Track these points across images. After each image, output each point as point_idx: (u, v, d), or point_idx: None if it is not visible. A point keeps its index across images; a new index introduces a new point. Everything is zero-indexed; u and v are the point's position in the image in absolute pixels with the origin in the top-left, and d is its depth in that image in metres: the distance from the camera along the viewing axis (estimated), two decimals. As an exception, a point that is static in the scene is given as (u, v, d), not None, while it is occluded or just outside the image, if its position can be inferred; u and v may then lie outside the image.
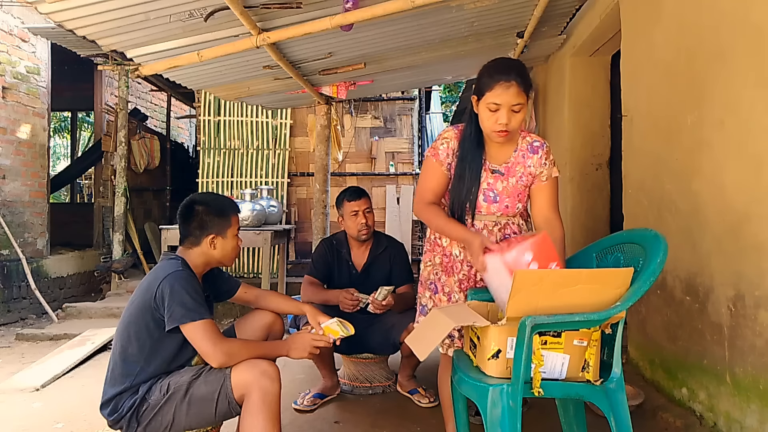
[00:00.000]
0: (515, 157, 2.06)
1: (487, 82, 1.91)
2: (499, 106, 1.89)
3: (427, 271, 2.22)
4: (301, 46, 3.31)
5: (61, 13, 2.38)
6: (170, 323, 1.93)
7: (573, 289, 1.68)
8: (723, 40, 2.22)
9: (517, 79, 1.87)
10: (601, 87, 4.41)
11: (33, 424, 2.88)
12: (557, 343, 1.72)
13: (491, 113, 1.91)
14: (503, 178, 2.05)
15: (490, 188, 2.05)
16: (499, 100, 1.88)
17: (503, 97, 1.87)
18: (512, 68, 1.90)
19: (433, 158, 2.10)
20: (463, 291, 2.12)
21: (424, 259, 2.26)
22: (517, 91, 1.87)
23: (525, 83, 1.90)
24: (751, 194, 2.05)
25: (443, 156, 2.08)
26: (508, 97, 1.87)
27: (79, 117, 11.62)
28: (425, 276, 2.23)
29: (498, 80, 1.88)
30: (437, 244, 2.19)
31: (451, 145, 2.08)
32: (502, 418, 1.66)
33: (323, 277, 3.17)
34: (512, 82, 1.87)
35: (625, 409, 1.73)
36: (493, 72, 1.91)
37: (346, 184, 6.88)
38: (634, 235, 1.95)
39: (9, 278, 5.77)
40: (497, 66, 1.94)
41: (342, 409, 2.95)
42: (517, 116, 1.91)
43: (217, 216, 2.11)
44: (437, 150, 2.09)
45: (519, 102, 1.88)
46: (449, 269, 2.14)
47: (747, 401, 2.08)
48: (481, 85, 1.94)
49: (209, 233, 2.09)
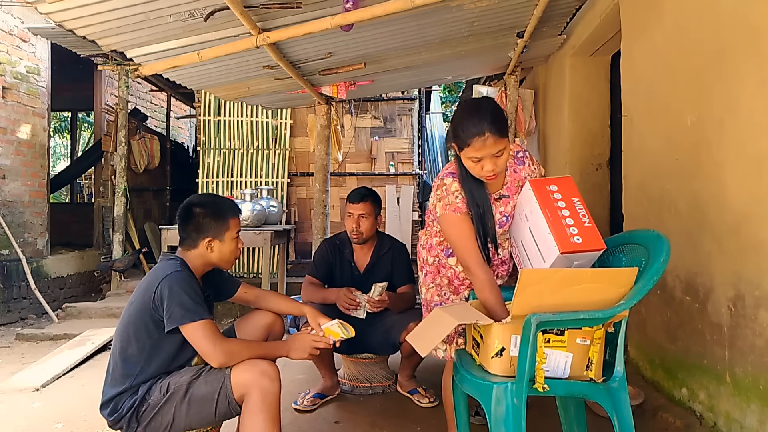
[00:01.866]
0: (509, 176, 2.10)
1: (463, 137, 1.91)
2: (480, 158, 1.90)
3: (431, 293, 2.23)
4: (301, 46, 3.31)
5: (61, 13, 2.37)
6: (169, 324, 1.93)
7: (577, 288, 1.69)
8: (723, 40, 2.22)
9: (490, 129, 1.86)
10: (601, 87, 4.41)
11: (33, 424, 2.88)
12: (560, 341, 1.72)
13: (474, 164, 1.93)
14: (509, 200, 2.09)
15: (502, 215, 2.08)
16: (479, 154, 1.89)
17: (482, 151, 1.88)
18: (483, 119, 1.87)
19: (457, 212, 2.01)
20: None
21: (425, 282, 2.25)
22: (493, 141, 1.87)
23: (500, 129, 1.89)
24: (751, 194, 2.05)
25: (463, 206, 2.02)
26: (486, 149, 1.88)
27: (79, 117, 11.62)
28: (428, 298, 2.24)
29: (473, 135, 1.87)
30: (442, 266, 2.20)
31: (461, 192, 2.03)
32: (506, 416, 1.67)
33: (324, 277, 3.17)
34: (486, 135, 1.86)
35: (627, 408, 1.74)
36: (466, 126, 1.90)
37: (346, 184, 6.88)
38: (636, 236, 1.96)
39: (9, 278, 5.77)
40: (468, 118, 1.91)
41: (342, 409, 2.95)
42: (501, 159, 1.92)
43: (214, 219, 2.10)
44: (456, 205, 2.02)
45: (499, 149, 1.89)
46: (460, 288, 2.18)
47: (747, 401, 2.08)
48: (458, 140, 1.94)
49: (206, 236, 2.08)
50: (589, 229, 1.81)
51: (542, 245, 1.86)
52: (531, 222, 1.93)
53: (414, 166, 7.01)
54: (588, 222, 1.83)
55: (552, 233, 1.80)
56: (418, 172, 7.00)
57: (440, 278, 2.21)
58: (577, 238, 1.79)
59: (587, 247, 1.78)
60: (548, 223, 1.82)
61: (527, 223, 1.95)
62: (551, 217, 1.84)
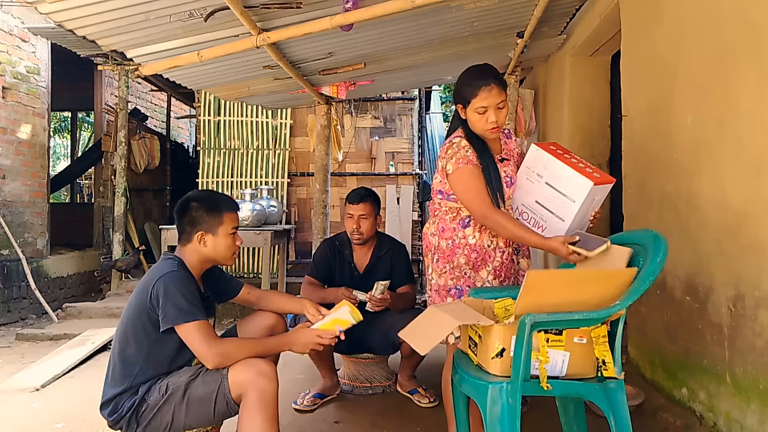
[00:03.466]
0: (504, 145, 2.32)
1: (469, 90, 2.14)
2: (486, 108, 2.11)
3: (444, 277, 2.20)
4: (301, 46, 3.31)
5: (61, 13, 2.37)
6: (164, 324, 1.92)
7: (578, 289, 1.71)
8: (723, 40, 2.22)
9: (494, 81, 2.11)
10: (601, 87, 4.41)
11: (33, 424, 2.88)
12: (558, 340, 1.73)
13: (480, 116, 2.13)
14: (509, 163, 2.27)
15: (507, 175, 2.22)
16: (485, 103, 2.11)
17: (488, 99, 2.11)
18: (488, 72, 2.14)
19: (470, 165, 2.13)
20: (498, 278, 2.18)
21: (436, 268, 2.22)
22: (498, 91, 2.11)
23: (501, 82, 2.14)
24: (751, 194, 2.05)
25: (474, 158, 2.15)
26: (492, 98, 2.10)
27: (79, 117, 11.62)
28: (441, 284, 2.21)
29: (480, 86, 2.11)
30: (457, 246, 2.17)
31: (469, 149, 2.17)
32: (501, 415, 1.67)
33: (323, 278, 3.17)
34: (492, 85, 2.10)
35: (624, 408, 1.74)
36: (472, 80, 2.14)
37: (346, 184, 6.88)
38: (634, 236, 1.96)
39: (9, 278, 5.77)
40: (474, 74, 2.16)
41: (342, 409, 2.95)
42: (503, 112, 2.14)
43: (207, 213, 2.08)
44: (468, 158, 2.14)
45: (501, 100, 2.12)
46: (479, 263, 2.17)
47: (747, 401, 2.08)
48: (465, 94, 2.16)
49: (198, 230, 2.07)
50: (595, 169, 2.07)
51: (568, 190, 2.03)
52: (548, 176, 2.10)
53: (414, 166, 7.01)
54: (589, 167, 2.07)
55: (578, 172, 2.00)
56: (418, 172, 7.00)
57: (456, 259, 2.18)
58: (595, 174, 2.01)
59: (604, 180, 2.02)
60: (571, 166, 2.02)
61: (543, 180, 2.12)
62: (570, 164, 2.04)
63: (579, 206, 2.00)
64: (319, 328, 2.16)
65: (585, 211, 2.05)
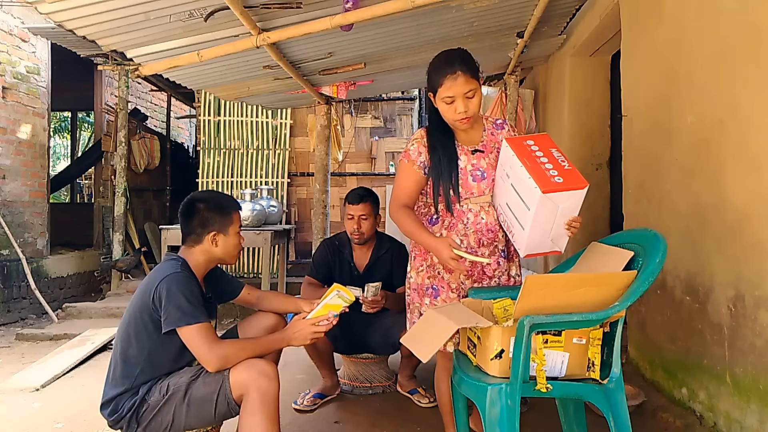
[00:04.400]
0: (486, 136, 2.15)
1: (436, 78, 1.99)
2: (453, 97, 1.96)
3: (422, 276, 2.17)
4: (301, 46, 3.31)
5: (61, 13, 2.38)
6: (166, 326, 1.92)
7: (578, 291, 1.70)
8: (723, 40, 2.22)
9: (461, 68, 1.94)
10: (601, 87, 4.41)
11: (33, 424, 2.88)
12: (557, 341, 1.73)
13: (448, 106, 1.99)
14: (484, 155, 2.12)
15: (475, 168, 2.10)
16: (451, 93, 1.96)
17: (454, 89, 1.95)
18: (455, 59, 1.97)
19: (405, 159, 2.13)
20: (471, 277, 2.10)
21: (414, 265, 2.20)
22: (464, 79, 1.94)
23: (471, 69, 1.97)
24: (751, 194, 2.05)
25: (415, 155, 2.11)
26: (458, 87, 1.95)
27: (79, 117, 11.62)
28: (419, 282, 2.18)
29: (444, 74, 1.96)
30: None
31: (422, 143, 2.12)
32: (500, 417, 1.67)
33: (323, 278, 3.16)
34: (458, 73, 1.94)
35: (624, 408, 1.73)
36: (438, 68, 1.99)
37: (346, 184, 6.88)
38: (633, 236, 1.96)
39: (9, 278, 5.77)
40: (441, 61, 2.01)
41: (342, 409, 2.95)
42: (473, 101, 1.98)
43: (218, 213, 2.10)
44: (408, 151, 2.13)
45: (470, 88, 1.96)
46: None
47: (747, 401, 2.08)
48: (432, 82, 2.02)
49: (211, 230, 2.08)
50: (569, 171, 1.83)
51: (525, 195, 1.85)
52: (512, 177, 1.93)
53: (414, 166, 7.00)
54: (568, 165, 1.86)
55: (532, 177, 1.80)
56: (418, 172, 7.00)
57: (430, 257, 2.13)
58: (557, 178, 1.80)
59: (568, 186, 1.80)
60: (527, 169, 1.83)
61: (509, 181, 1.95)
62: (530, 164, 1.85)
63: (533, 215, 1.82)
64: (313, 317, 2.14)
65: (548, 219, 1.86)
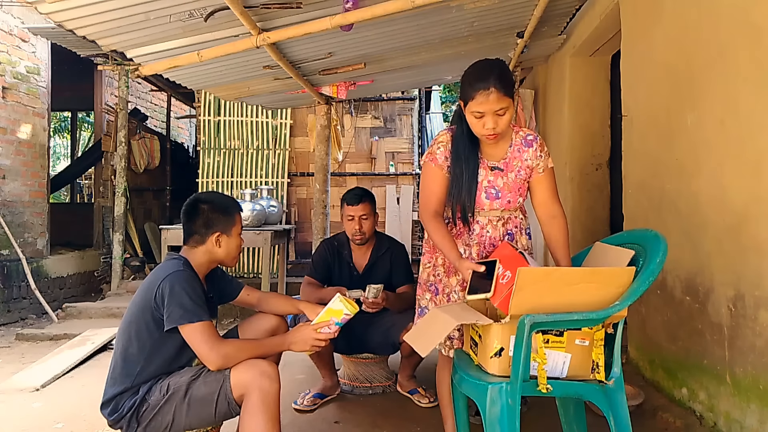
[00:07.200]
0: (511, 153, 2.08)
1: (468, 91, 1.92)
2: (483, 113, 1.90)
3: (427, 272, 2.21)
4: (301, 46, 3.30)
5: (61, 13, 2.37)
6: (168, 324, 1.93)
7: (576, 287, 1.70)
8: (723, 40, 2.22)
9: (496, 84, 1.87)
10: (601, 87, 4.41)
11: (33, 424, 2.88)
12: (559, 342, 1.73)
13: (477, 120, 1.93)
14: (503, 174, 2.07)
15: (491, 185, 2.06)
16: (482, 109, 1.90)
17: (485, 105, 1.89)
18: (491, 74, 1.89)
19: (432, 163, 2.09)
20: (464, 290, 2.10)
21: (423, 261, 2.25)
22: (497, 96, 1.87)
23: (505, 86, 1.89)
24: (751, 194, 2.05)
25: (441, 160, 2.08)
26: (489, 104, 1.88)
27: (79, 117, 11.62)
28: (425, 278, 2.22)
29: (477, 89, 1.89)
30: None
31: (447, 147, 2.08)
32: (501, 416, 1.67)
33: (323, 278, 3.16)
34: (491, 89, 1.87)
35: (624, 408, 1.74)
36: (473, 80, 1.92)
37: (346, 184, 6.88)
38: (634, 236, 1.96)
39: (9, 278, 5.77)
40: (475, 73, 1.94)
41: (342, 409, 2.95)
42: (503, 118, 1.92)
43: (222, 214, 2.11)
44: (434, 155, 2.09)
45: (502, 107, 1.89)
46: (450, 270, 2.13)
47: (747, 401, 2.08)
48: (464, 93, 1.96)
49: (215, 231, 2.09)
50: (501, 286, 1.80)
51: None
52: None
53: (414, 166, 7.01)
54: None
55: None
56: (418, 172, 7.00)
57: (436, 257, 2.18)
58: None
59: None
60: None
61: None
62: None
63: None
64: (316, 323, 2.16)
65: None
